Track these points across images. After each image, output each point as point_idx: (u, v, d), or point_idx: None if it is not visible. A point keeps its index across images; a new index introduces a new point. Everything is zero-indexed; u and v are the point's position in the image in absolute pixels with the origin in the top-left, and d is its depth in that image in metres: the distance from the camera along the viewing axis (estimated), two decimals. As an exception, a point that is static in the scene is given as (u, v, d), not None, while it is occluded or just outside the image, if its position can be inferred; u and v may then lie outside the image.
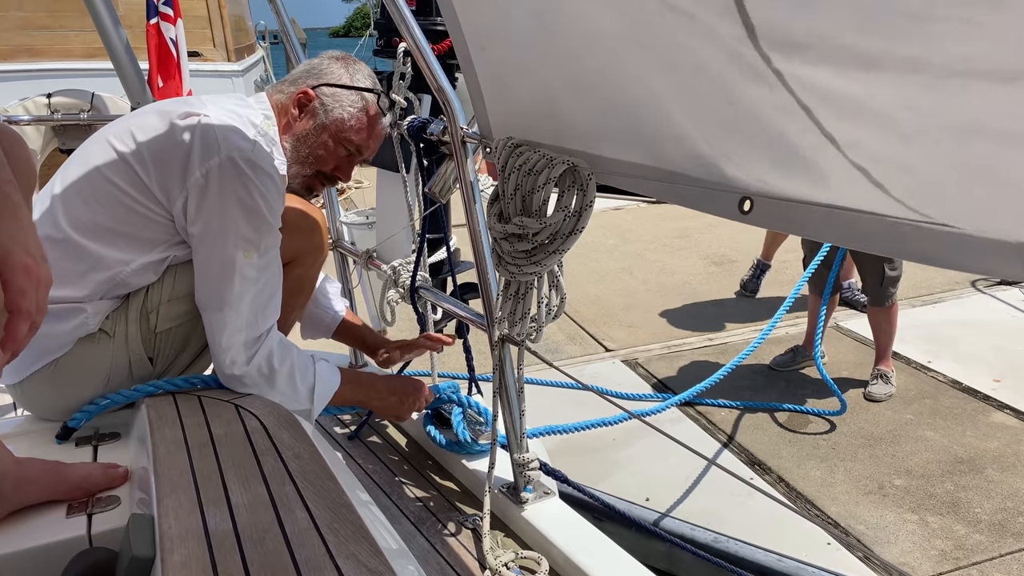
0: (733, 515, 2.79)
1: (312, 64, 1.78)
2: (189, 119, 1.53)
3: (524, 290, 1.54)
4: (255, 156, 1.52)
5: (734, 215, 1.00)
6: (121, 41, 2.28)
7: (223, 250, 1.51)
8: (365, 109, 1.77)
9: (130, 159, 1.52)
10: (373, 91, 1.78)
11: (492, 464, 1.68)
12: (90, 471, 1.33)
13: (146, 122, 1.56)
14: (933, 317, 4.64)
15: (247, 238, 1.51)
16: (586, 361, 4.27)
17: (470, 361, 2.09)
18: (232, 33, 7.75)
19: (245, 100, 1.71)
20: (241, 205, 1.50)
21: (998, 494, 2.95)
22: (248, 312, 1.54)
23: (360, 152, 1.80)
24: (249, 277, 1.53)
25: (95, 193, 1.52)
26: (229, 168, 1.49)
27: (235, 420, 1.44)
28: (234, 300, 1.52)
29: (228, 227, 1.50)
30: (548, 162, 1.35)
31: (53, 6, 6.57)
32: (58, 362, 1.53)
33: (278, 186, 1.57)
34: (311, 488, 1.17)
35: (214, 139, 1.51)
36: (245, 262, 1.51)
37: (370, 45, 2.68)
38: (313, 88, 1.74)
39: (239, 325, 1.53)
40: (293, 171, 1.76)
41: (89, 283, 1.51)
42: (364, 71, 1.80)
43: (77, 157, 1.59)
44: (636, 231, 6.73)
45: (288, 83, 1.77)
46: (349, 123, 1.75)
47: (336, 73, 1.76)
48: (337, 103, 1.74)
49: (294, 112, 1.73)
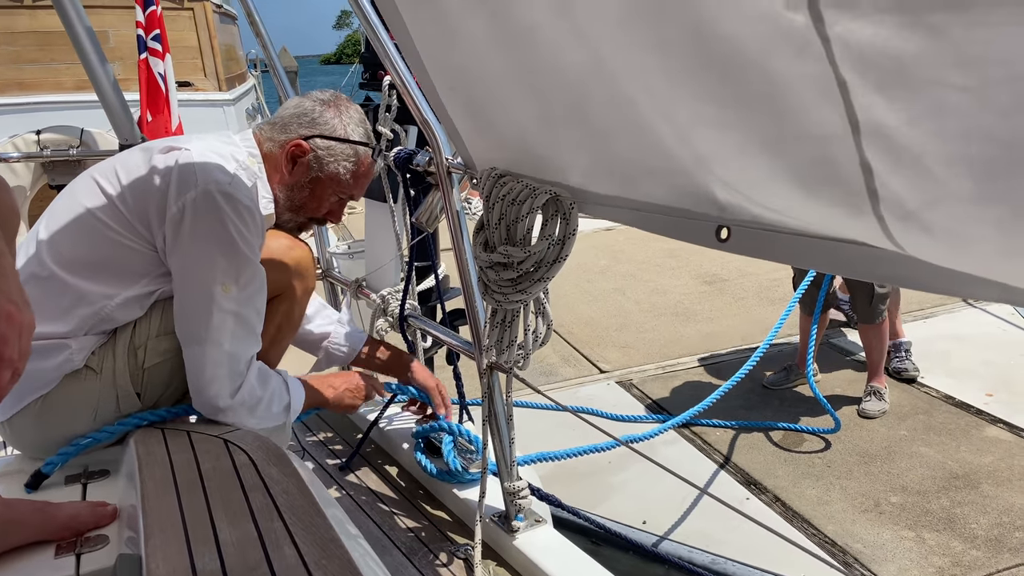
0: (731, 536, 2.78)
1: (303, 108, 1.75)
2: (170, 153, 1.55)
3: (511, 318, 1.55)
4: (232, 189, 1.53)
5: (712, 243, 1.00)
6: (108, 78, 2.30)
7: (200, 284, 1.52)
8: (359, 162, 1.77)
9: (113, 195, 1.53)
10: (367, 145, 1.79)
11: (483, 493, 1.67)
12: (78, 510, 1.32)
13: (129, 159, 1.58)
14: (924, 332, 4.65)
15: (224, 271, 1.52)
16: (580, 383, 4.26)
17: (460, 388, 2.09)
18: (223, 62, 7.81)
19: (231, 138, 1.72)
20: (217, 239, 1.51)
21: (994, 509, 2.94)
22: (229, 345, 1.54)
23: (352, 198, 1.82)
24: (228, 310, 1.53)
25: (79, 229, 1.53)
26: (205, 201, 1.50)
27: (224, 455, 1.43)
28: (214, 333, 1.53)
29: (205, 261, 1.51)
30: (531, 192, 1.36)
31: (43, 40, 6.62)
32: (45, 399, 1.52)
33: (256, 219, 1.57)
34: (299, 524, 1.17)
35: (191, 172, 1.52)
36: (223, 295, 1.52)
37: (360, 72, 2.70)
38: (306, 139, 1.72)
39: (220, 359, 1.54)
40: (286, 217, 1.78)
41: (73, 319, 1.52)
42: (356, 117, 1.79)
43: (63, 196, 1.61)
44: (627, 251, 6.76)
45: (279, 128, 1.75)
46: (343, 177, 1.76)
47: (330, 123, 1.74)
48: (332, 157, 1.73)
49: (287, 165, 1.73)
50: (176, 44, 6.69)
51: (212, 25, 7.58)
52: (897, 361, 4.08)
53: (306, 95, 1.80)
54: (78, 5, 2.23)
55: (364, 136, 1.79)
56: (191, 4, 7.41)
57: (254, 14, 2.24)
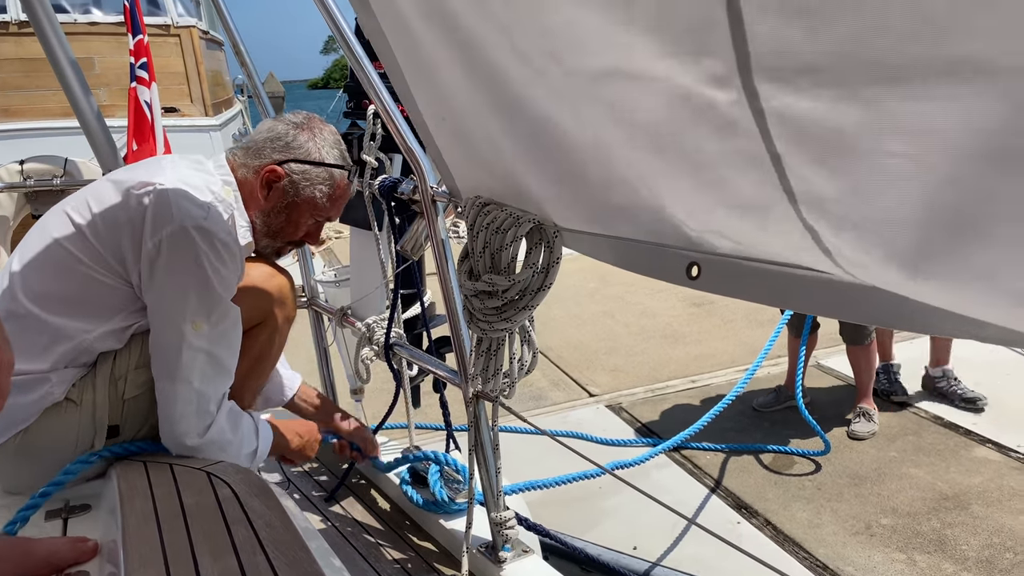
0: (723, 563, 2.75)
1: (277, 132, 1.73)
2: (144, 188, 1.52)
3: (496, 346, 1.54)
4: (208, 224, 1.51)
5: (683, 281, 1.00)
6: (92, 109, 2.30)
7: (171, 321, 1.51)
8: (335, 185, 1.76)
9: (85, 229, 1.51)
10: (343, 167, 1.78)
11: (469, 523, 1.66)
12: (58, 546, 1.30)
13: (101, 192, 1.56)
14: (912, 353, 4.66)
15: (195, 309, 1.51)
16: (570, 407, 4.25)
17: (447, 417, 2.07)
18: (210, 88, 7.83)
19: (204, 165, 1.69)
20: (191, 276, 1.49)
21: (984, 530, 2.94)
22: (198, 383, 1.53)
23: (329, 219, 1.81)
24: (198, 348, 1.52)
25: (54, 265, 1.52)
26: (180, 237, 1.48)
27: (207, 488, 1.42)
28: (184, 371, 1.51)
29: (177, 298, 1.50)
30: (515, 220, 1.36)
31: (28, 67, 6.63)
32: (24, 433, 1.50)
33: (233, 252, 1.56)
34: (282, 558, 1.15)
35: (167, 208, 1.50)
36: (193, 333, 1.51)
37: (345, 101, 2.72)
38: (281, 163, 1.71)
39: (189, 397, 1.53)
40: (264, 243, 1.76)
41: (53, 354, 1.50)
42: (330, 139, 1.77)
43: (36, 230, 1.58)
44: (616, 274, 6.75)
45: (252, 153, 1.72)
46: (320, 201, 1.74)
47: (304, 147, 1.72)
48: (307, 181, 1.72)
49: (262, 191, 1.71)
50: (162, 70, 6.71)
51: (199, 51, 7.61)
52: (886, 383, 4.08)
53: (279, 118, 1.78)
54: (61, 35, 2.23)
55: (339, 158, 1.77)
56: (177, 30, 7.44)
57: (239, 44, 2.25)
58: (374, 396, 2.81)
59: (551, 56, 0.92)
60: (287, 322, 1.85)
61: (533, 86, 1.01)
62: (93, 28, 6.93)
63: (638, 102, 0.84)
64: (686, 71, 0.73)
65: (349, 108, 2.55)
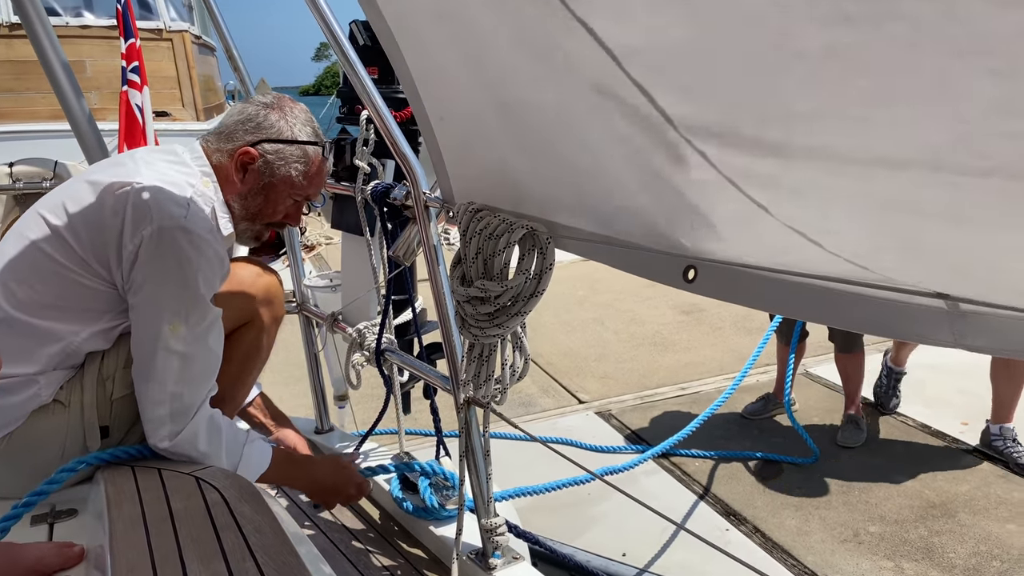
0: (711, 568, 2.76)
1: (247, 114, 1.70)
2: (122, 189, 1.50)
3: (488, 352, 1.54)
4: (189, 223, 1.49)
5: (679, 284, 1.01)
6: (83, 111, 2.29)
7: (149, 322, 1.49)
8: (310, 162, 1.72)
9: (65, 234, 1.49)
10: (316, 144, 1.74)
11: (459, 530, 1.65)
12: (44, 552, 1.29)
13: (78, 193, 1.53)
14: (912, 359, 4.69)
15: (174, 311, 1.49)
16: (560, 414, 4.24)
17: (437, 423, 2.07)
18: (201, 93, 7.82)
19: (181, 157, 1.65)
20: (170, 277, 1.48)
21: (971, 538, 2.96)
22: (173, 385, 1.51)
23: (308, 199, 1.77)
24: (174, 350, 1.50)
25: (35, 271, 1.49)
26: (160, 238, 1.46)
27: (195, 493, 1.41)
28: (158, 373, 1.49)
29: (154, 299, 1.48)
30: (508, 226, 1.37)
31: (19, 69, 6.59)
32: (11, 436, 1.49)
33: (215, 249, 1.54)
34: (271, 564, 1.15)
35: (146, 208, 1.48)
36: (170, 335, 1.49)
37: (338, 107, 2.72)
38: (253, 145, 1.67)
39: (162, 398, 1.50)
40: (243, 227, 1.73)
41: (41, 357, 1.49)
42: (301, 117, 1.74)
43: (12, 236, 1.55)
44: (606, 281, 6.79)
45: (224, 137, 1.69)
46: (296, 179, 1.71)
47: (276, 126, 1.69)
48: (281, 160, 1.68)
49: (238, 174, 1.67)
50: (154, 74, 6.68)
51: (191, 56, 7.59)
52: (884, 388, 4.08)
53: (248, 100, 1.75)
54: (53, 37, 2.22)
55: (312, 135, 1.73)
56: (170, 35, 7.42)
57: (232, 48, 2.25)
58: (364, 402, 2.81)
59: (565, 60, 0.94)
60: (275, 322, 1.83)
61: (539, 86, 1.03)
62: (85, 31, 6.90)
63: (614, 123, 0.88)
64: (643, 111, 0.79)
65: (342, 113, 2.55)
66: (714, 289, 0.98)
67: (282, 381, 4.35)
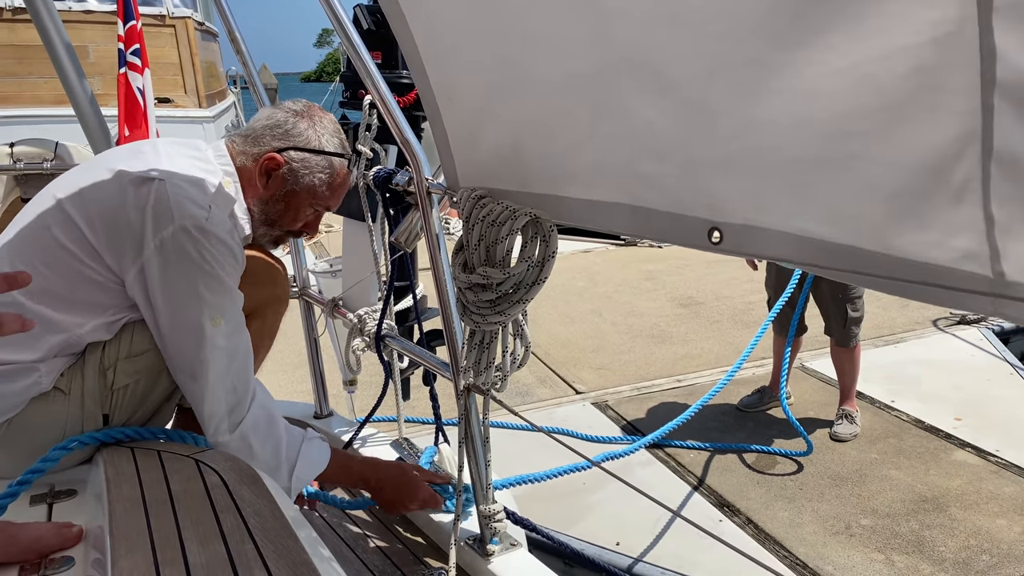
0: (704, 558, 2.79)
1: (276, 119, 1.71)
2: (144, 185, 1.48)
3: (489, 339, 1.55)
4: (209, 224, 1.49)
5: (705, 245, 1.02)
6: (85, 93, 2.29)
7: (190, 319, 1.48)
8: (335, 174, 1.74)
9: (79, 221, 1.48)
10: (342, 156, 1.76)
11: (458, 516, 1.66)
12: (42, 532, 1.29)
13: (97, 181, 1.51)
14: (895, 357, 4.72)
15: (212, 305, 1.48)
16: (557, 404, 4.26)
17: (436, 410, 2.08)
18: (203, 79, 7.79)
19: (203, 154, 1.65)
20: (201, 273, 1.47)
21: (961, 532, 2.98)
22: (227, 379, 1.51)
23: (328, 210, 1.79)
24: (219, 345, 1.50)
25: (45, 257, 1.48)
26: (183, 237, 1.46)
27: (195, 476, 1.41)
28: (210, 370, 1.49)
29: (192, 296, 1.47)
30: (511, 213, 1.37)
31: (21, 53, 6.57)
32: (11, 423, 1.48)
33: (233, 252, 1.54)
34: (271, 546, 1.15)
35: (167, 207, 1.46)
36: (214, 330, 1.49)
37: (340, 91, 2.71)
38: (280, 151, 1.68)
39: (219, 395, 1.51)
40: (261, 231, 1.74)
41: (43, 345, 1.48)
42: (330, 128, 1.75)
43: (24, 217, 1.54)
44: (605, 273, 6.80)
45: (251, 140, 1.70)
46: (319, 189, 1.72)
47: (304, 135, 1.70)
48: (307, 170, 1.70)
49: (262, 179, 1.68)
50: (157, 60, 6.66)
51: (193, 42, 7.57)
52: None
53: (278, 105, 1.76)
54: (57, 20, 2.22)
55: (339, 146, 1.75)
56: (172, 21, 7.40)
57: (235, 31, 2.24)
58: (362, 388, 2.81)
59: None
60: (280, 311, 1.84)
61: (565, 59, 1.03)
62: (88, 16, 6.88)
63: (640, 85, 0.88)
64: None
65: (345, 98, 2.55)
66: (740, 248, 0.99)
67: (280, 368, 4.36)
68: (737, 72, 0.87)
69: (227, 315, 1.52)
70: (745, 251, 1.00)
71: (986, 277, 0.72)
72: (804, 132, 0.84)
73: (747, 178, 0.94)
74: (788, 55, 0.80)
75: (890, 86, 0.72)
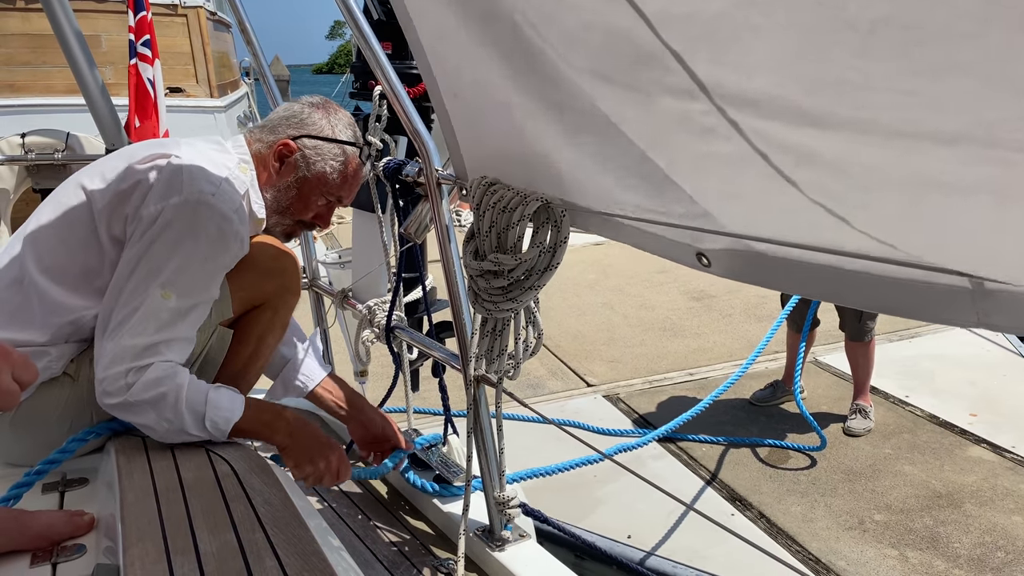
0: (716, 552, 2.77)
1: (292, 111, 1.75)
2: (158, 160, 1.52)
3: (501, 327, 1.54)
4: (216, 200, 1.50)
5: (695, 266, 1.01)
6: (96, 83, 2.29)
7: (142, 280, 1.46)
8: (346, 162, 1.75)
9: (98, 201, 1.51)
10: (355, 144, 1.77)
11: (466, 506, 1.66)
12: (54, 520, 1.30)
13: (116, 163, 1.56)
14: (910, 352, 4.68)
15: (171, 277, 1.47)
16: (568, 396, 4.25)
17: (446, 401, 2.07)
18: (216, 69, 7.79)
19: (222, 144, 1.69)
20: (181, 247, 1.47)
21: (976, 528, 2.95)
22: (141, 339, 1.44)
23: (340, 201, 1.80)
24: (152, 313, 1.45)
25: (64, 238, 1.51)
26: (185, 210, 1.47)
27: (206, 465, 1.42)
28: (129, 330, 1.44)
29: (158, 261, 1.46)
30: (522, 199, 1.36)
31: (34, 43, 6.60)
32: (20, 406, 1.50)
33: (236, 230, 1.54)
34: (281, 535, 1.16)
35: (178, 178, 1.50)
36: (161, 301, 1.45)
37: (350, 81, 2.71)
38: (294, 139, 1.71)
39: (122, 355, 1.43)
40: (273, 220, 1.75)
41: (51, 327, 1.50)
42: (344, 120, 1.78)
43: (51, 202, 1.58)
44: (616, 266, 6.77)
45: (268, 130, 1.74)
46: (331, 177, 1.73)
47: (318, 124, 1.73)
48: (319, 156, 1.71)
49: (275, 164, 1.70)
50: (169, 50, 6.67)
51: (205, 32, 7.56)
52: None
53: (296, 99, 1.80)
54: (68, 9, 2.22)
55: (352, 137, 1.77)
56: (185, 10, 7.40)
57: (245, 22, 2.24)
58: (373, 379, 2.81)
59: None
60: (291, 303, 1.84)
61: (568, 60, 1.02)
62: (101, 6, 6.89)
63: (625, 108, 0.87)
64: (671, 81, 0.78)
65: (355, 89, 2.54)
66: (729, 271, 0.97)
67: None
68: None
69: (179, 294, 1.48)
70: (734, 275, 1.02)
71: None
72: None
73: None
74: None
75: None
